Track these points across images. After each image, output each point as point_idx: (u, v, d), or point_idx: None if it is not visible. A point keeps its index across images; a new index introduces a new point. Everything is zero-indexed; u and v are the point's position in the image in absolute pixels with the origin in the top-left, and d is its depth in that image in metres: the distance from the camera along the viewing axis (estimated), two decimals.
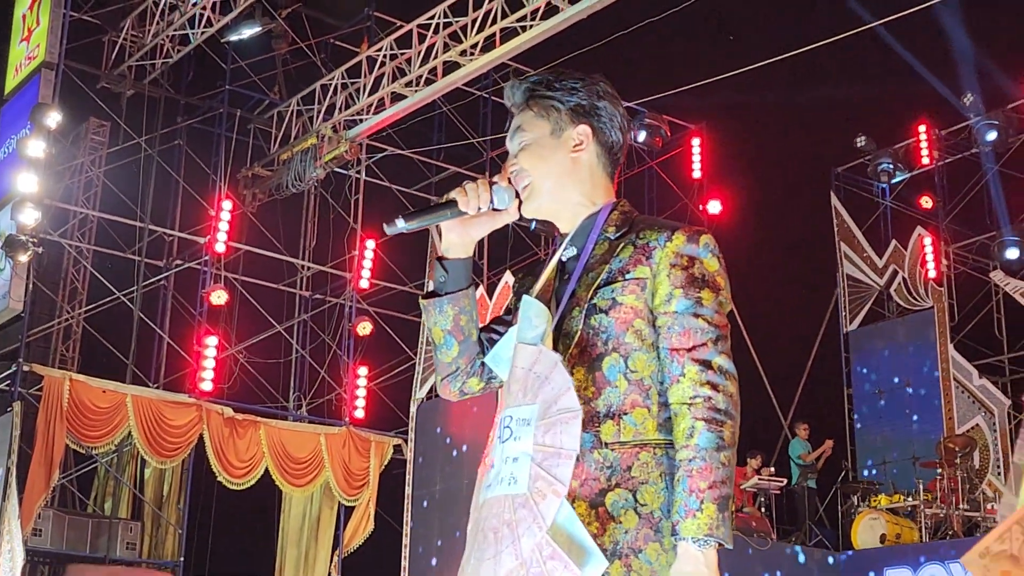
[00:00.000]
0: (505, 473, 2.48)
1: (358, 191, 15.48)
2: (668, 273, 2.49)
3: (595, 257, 2.60)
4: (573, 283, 2.58)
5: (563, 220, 2.69)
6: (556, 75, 2.76)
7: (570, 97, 2.72)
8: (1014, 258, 16.06)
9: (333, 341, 15.44)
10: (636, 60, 16.76)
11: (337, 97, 14.47)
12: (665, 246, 2.51)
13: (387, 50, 13.84)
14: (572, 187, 2.68)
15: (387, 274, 15.83)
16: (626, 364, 2.48)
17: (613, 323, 2.49)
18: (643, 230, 2.58)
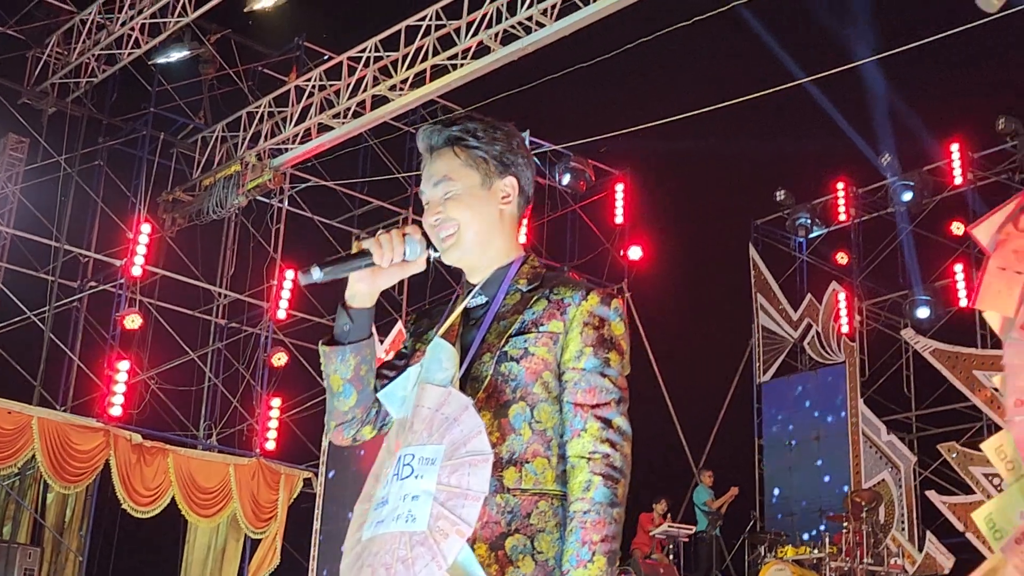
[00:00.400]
0: (402, 510, 2.49)
1: (279, 220, 15.39)
2: (581, 331, 2.56)
3: (507, 307, 2.65)
4: (483, 330, 2.63)
5: (478, 270, 2.73)
6: (480, 124, 2.78)
7: (496, 148, 2.75)
8: (924, 317, 16.34)
9: (247, 371, 15.29)
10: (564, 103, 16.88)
11: (263, 125, 14.39)
12: (580, 304, 2.59)
13: (316, 81, 13.81)
14: (495, 239, 2.73)
15: (305, 305, 15.73)
16: (532, 414, 2.53)
17: (523, 372, 2.55)
18: (557, 286, 2.65)
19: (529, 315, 2.60)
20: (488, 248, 2.71)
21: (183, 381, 15.23)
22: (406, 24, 12.69)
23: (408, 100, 12.97)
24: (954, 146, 16.15)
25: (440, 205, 2.70)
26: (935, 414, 16.73)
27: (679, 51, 14.85)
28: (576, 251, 17.55)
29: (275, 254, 15.26)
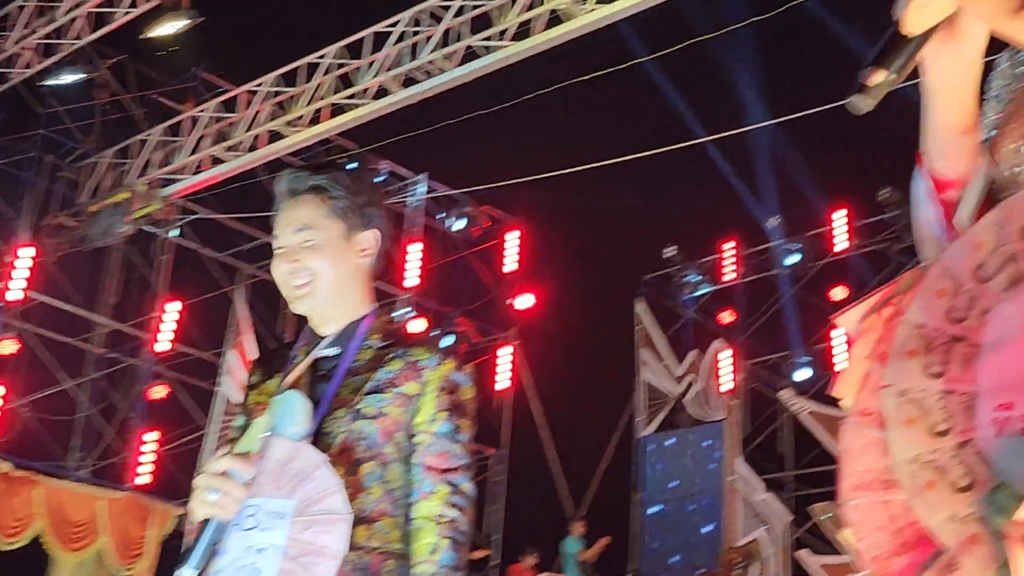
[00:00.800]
0: (246, 562, 2.48)
1: (166, 251, 15.15)
2: (436, 395, 2.61)
3: (360, 362, 2.66)
4: (335, 384, 2.63)
5: (330, 322, 2.72)
6: (345, 174, 2.78)
7: (361, 199, 2.75)
8: (804, 379, 16.62)
9: (125, 403, 14.97)
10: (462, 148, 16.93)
11: (155, 154, 14.19)
12: (436, 368, 2.63)
13: (212, 112, 13.67)
14: (351, 292, 2.74)
15: (187, 338, 15.47)
16: (383, 473, 2.57)
17: (377, 431, 2.57)
18: (412, 347, 2.67)
19: (384, 374, 2.62)
20: (342, 300, 2.72)
21: (57, 410, 14.85)
22: (307, 61, 12.65)
23: (304, 137, 12.91)
24: (839, 213, 16.52)
25: (297, 253, 2.69)
26: (811, 475, 16.98)
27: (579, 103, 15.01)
28: (467, 297, 17.55)
29: (159, 285, 15.01)
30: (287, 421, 2.56)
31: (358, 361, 2.65)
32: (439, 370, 2.61)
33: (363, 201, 2.75)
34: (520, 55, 11.07)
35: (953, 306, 1.58)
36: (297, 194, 2.75)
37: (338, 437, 2.56)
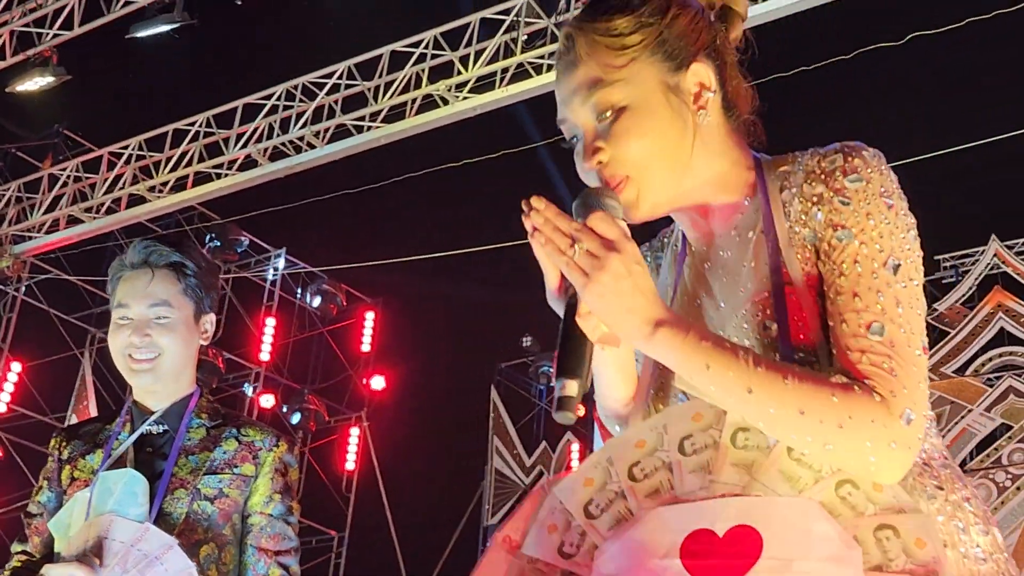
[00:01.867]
0: None
1: (13, 309, 14.73)
2: (271, 477, 2.66)
3: (192, 441, 2.67)
4: (171, 463, 2.61)
5: (158, 397, 2.72)
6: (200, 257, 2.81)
7: (210, 283, 2.77)
8: None
9: None
10: (324, 225, 16.87)
11: (9, 209, 13.86)
12: (272, 450, 2.68)
13: (72, 171, 13.42)
14: (185, 371, 2.78)
15: (28, 401, 15.01)
16: (219, 555, 2.57)
17: (216, 513, 2.58)
18: (245, 427, 2.70)
19: (220, 454, 2.63)
20: (178, 379, 2.73)
21: None
22: (174, 127, 12.53)
23: (166, 203, 12.75)
24: None
25: (148, 327, 2.69)
26: None
27: (444, 189, 15.11)
28: (319, 375, 17.39)
29: (3, 343, 14.57)
30: (128, 501, 2.53)
31: (190, 440, 2.65)
32: (274, 452, 2.65)
33: (211, 284, 2.77)
34: (391, 137, 11.12)
35: (564, 541, 1.66)
36: (153, 267, 2.73)
37: (180, 518, 2.53)
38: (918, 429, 1.55)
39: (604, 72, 1.72)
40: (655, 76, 1.73)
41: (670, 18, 1.75)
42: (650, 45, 1.73)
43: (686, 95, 1.74)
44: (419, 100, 10.93)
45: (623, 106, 1.71)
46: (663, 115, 1.71)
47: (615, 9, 1.75)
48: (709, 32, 1.80)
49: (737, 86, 1.84)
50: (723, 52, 1.82)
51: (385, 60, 11.28)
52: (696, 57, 1.76)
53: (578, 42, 1.75)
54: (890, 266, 1.61)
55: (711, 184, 1.78)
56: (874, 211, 1.64)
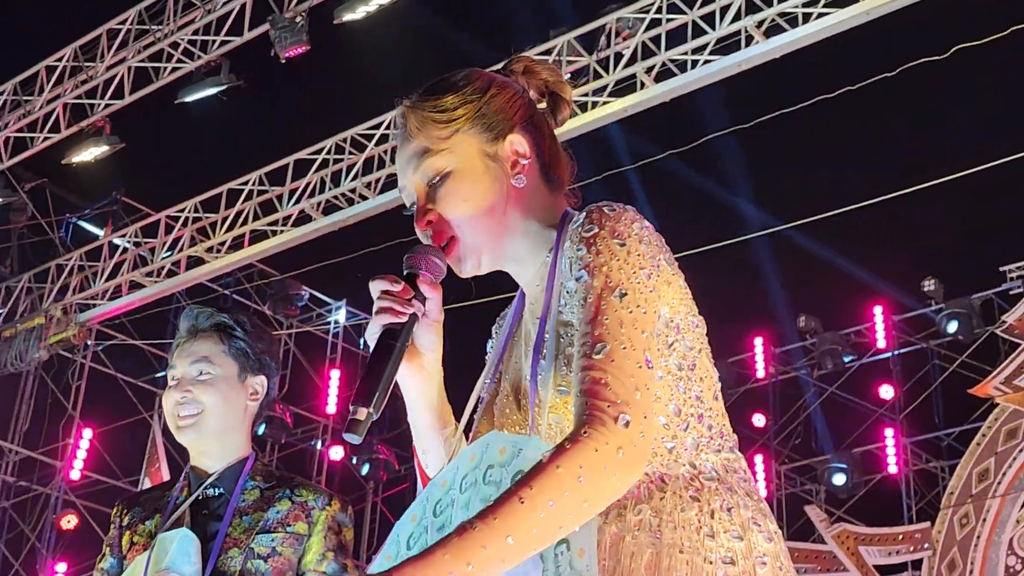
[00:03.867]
0: None
1: (81, 377, 14.92)
2: (324, 535, 2.70)
3: (247, 502, 2.70)
4: (226, 524, 2.66)
5: (211, 459, 2.76)
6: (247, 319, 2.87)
7: (259, 345, 2.82)
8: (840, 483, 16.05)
9: (33, 533, 14.58)
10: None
11: (72, 278, 14.06)
12: (324, 509, 2.72)
13: (131, 237, 13.61)
14: (235, 432, 2.80)
15: (101, 466, 15.17)
16: None
17: (270, 571, 2.62)
18: (298, 487, 2.74)
19: (274, 514, 2.67)
20: (225, 439, 2.78)
21: None
22: (228, 187, 12.67)
23: (225, 263, 12.87)
24: (757, 340, 16.66)
25: (191, 384, 2.76)
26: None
27: None
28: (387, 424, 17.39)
29: (74, 411, 14.75)
30: (181, 560, 2.57)
31: (244, 501, 2.69)
32: (327, 511, 2.69)
33: (261, 348, 2.83)
34: None
35: None
36: (199, 331, 2.81)
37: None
38: (636, 430, 1.71)
39: (432, 143, 1.95)
40: (476, 145, 1.96)
41: (489, 96, 1.99)
42: (471, 118, 1.96)
43: (503, 162, 1.96)
44: None
45: (448, 171, 1.94)
46: (482, 180, 1.94)
47: (442, 90, 2.00)
48: (526, 108, 2.03)
49: (555, 155, 2.05)
50: (540, 126, 2.04)
51: None
52: (513, 129, 1.99)
53: (410, 119, 1.98)
54: (617, 293, 1.79)
55: (524, 243, 1.99)
56: (604, 250, 1.83)
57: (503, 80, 2.04)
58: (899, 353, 15.39)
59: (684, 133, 10.79)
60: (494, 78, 2.04)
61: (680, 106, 10.27)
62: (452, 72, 2.06)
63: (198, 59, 11.43)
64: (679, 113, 10.86)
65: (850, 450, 15.71)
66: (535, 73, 2.09)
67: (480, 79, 2.02)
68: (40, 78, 12.44)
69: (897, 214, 11.89)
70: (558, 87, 2.09)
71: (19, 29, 13.73)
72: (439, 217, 1.93)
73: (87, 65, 12.10)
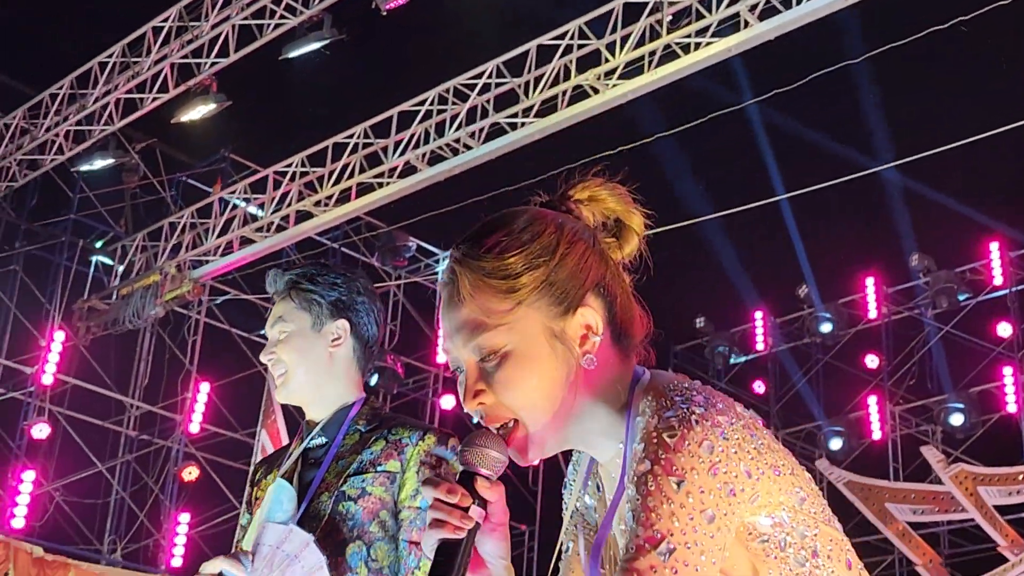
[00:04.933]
0: None
1: (196, 332, 15.22)
2: (417, 470, 2.62)
3: (345, 447, 2.72)
4: (323, 470, 2.67)
5: (314, 409, 2.79)
6: (318, 269, 2.89)
7: (331, 292, 2.84)
8: (837, 448, 16.46)
9: (156, 485, 14.97)
10: None
11: (184, 236, 14.31)
12: (417, 444, 2.68)
13: (240, 193, 13.80)
14: (327, 380, 2.81)
15: (219, 419, 15.49)
16: (368, 552, 2.60)
17: (360, 511, 2.60)
18: (395, 427, 2.73)
19: (367, 455, 2.68)
20: (321, 389, 2.80)
21: (90, 493, 14.86)
22: (334, 141, 12.76)
23: (332, 216, 12.99)
24: (869, 280, 16.46)
25: (274, 346, 2.88)
26: None
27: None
28: None
29: (191, 366, 15.06)
30: (276, 508, 2.64)
31: (344, 446, 2.71)
32: (420, 445, 2.66)
33: (336, 294, 2.84)
34: (545, 131, 11.14)
35: None
36: (277, 293, 2.88)
37: (324, 519, 2.63)
38: None
39: (488, 316, 1.65)
40: (540, 321, 1.66)
41: (558, 258, 1.69)
42: (537, 289, 1.66)
43: (571, 341, 1.68)
44: (569, 92, 10.92)
45: (507, 352, 1.64)
46: (547, 363, 1.65)
47: (504, 247, 1.68)
48: (599, 268, 1.74)
49: (628, 314, 1.79)
50: (612, 284, 1.76)
51: (532, 55, 11.30)
52: (584, 298, 1.70)
53: (462, 279, 1.67)
54: (662, 549, 1.52)
55: (594, 427, 1.71)
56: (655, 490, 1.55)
57: (572, 229, 1.73)
58: (1016, 290, 15.09)
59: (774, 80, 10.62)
60: (562, 227, 1.72)
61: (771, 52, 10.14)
62: (511, 213, 1.75)
63: (301, 15, 11.50)
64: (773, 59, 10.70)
65: (967, 389, 15.52)
66: (600, 201, 1.82)
67: (547, 230, 1.70)
68: (147, 39, 12.61)
69: (1009, 149, 11.62)
70: (626, 216, 1.83)
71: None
72: (495, 401, 1.65)
73: (192, 25, 12.24)
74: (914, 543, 13.92)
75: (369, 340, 2.89)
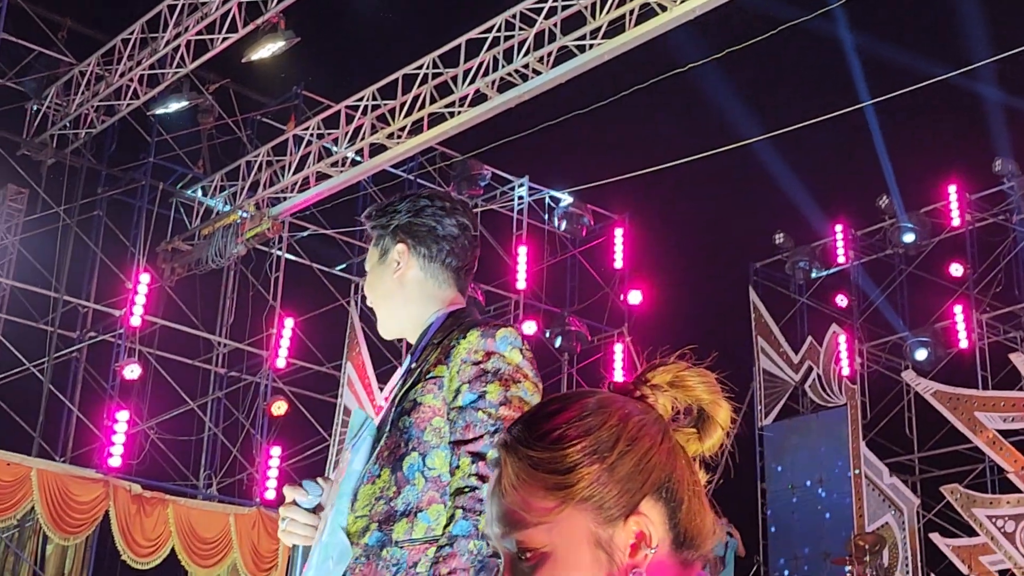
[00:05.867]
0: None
1: (278, 269, 15.40)
2: (459, 369, 2.60)
3: (428, 362, 2.69)
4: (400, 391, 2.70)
5: (409, 334, 2.82)
6: (387, 203, 2.87)
7: (391, 220, 2.83)
8: (924, 359, 16.31)
9: (247, 420, 15.25)
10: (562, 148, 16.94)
11: (261, 174, 14.43)
12: (460, 343, 2.61)
13: (314, 129, 13.86)
14: (402, 306, 2.80)
15: (305, 354, 15.71)
16: (424, 462, 2.58)
17: (413, 423, 2.60)
18: (451, 332, 2.66)
19: (424, 366, 2.66)
20: (399, 316, 2.82)
21: (183, 431, 15.19)
22: (403, 73, 12.76)
23: (406, 148, 13.01)
24: (951, 188, 16.19)
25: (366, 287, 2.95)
26: (937, 456, 16.67)
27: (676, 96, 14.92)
28: (576, 296, 17.55)
29: (274, 302, 15.25)
30: (350, 433, 2.69)
31: (426, 362, 2.70)
32: (463, 344, 2.60)
33: (395, 221, 2.84)
34: (613, 52, 11.03)
35: None
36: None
37: (386, 438, 2.63)
38: None
39: (529, 512, 1.45)
40: (585, 526, 1.45)
41: (616, 455, 1.46)
42: (588, 488, 1.45)
43: (619, 552, 1.45)
44: (636, 11, 10.79)
45: (545, 553, 1.45)
46: (586, 574, 1.45)
47: (559, 436, 1.47)
48: (664, 468, 1.50)
49: (697, 522, 1.52)
50: (678, 487, 1.51)
51: None
52: (639, 506, 1.46)
53: (506, 467, 1.48)
54: None
55: None
56: None
57: (638, 423, 1.51)
58: None
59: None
60: (627, 419, 1.50)
61: None
62: (574, 396, 1.53)
63: None
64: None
65: None
66: (687, 388, 1.60)
67: (608, 422, 1.49)
68: None
69: None
70: (712, 408, 1.60)
71: None
72: None
73: None
74: (1005, 451, 13.79)
75: (438, 253, 2.83)
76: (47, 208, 14.62)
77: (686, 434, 1.58)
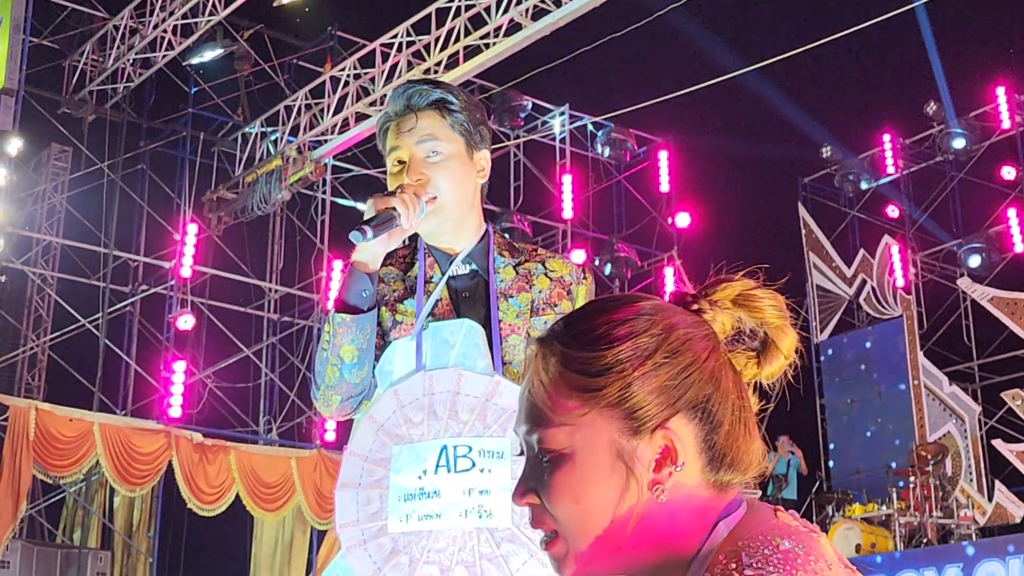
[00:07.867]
0: (469, 505, 2.42)
1: (324, 212, 15.40)
2: None
3: (505, 283, 2.56)
4: (495, 309, 2.53)
5: (457, 240, 2.60)
6: (462, 92, 2.68)
7: (477, 117, 2.64)
8: (978, 265, 16.11)
9: (302, 363, 15.34)
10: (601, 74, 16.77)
11: (301, 118, 14.40)
12: (581, 283, 2.60)
13: (350, 70, 13.79)
14: (469, 211, 2.62)
15: None
16: None
17: None
18: (547, 260, 2.59)
19: (537, 294, 2.55)
20: (464, 219, 2.59)
21: (240, 378, 15.31)
22: (436, 7, 12.63)
23: None
24: (1000, 89, 15.89)
25: (424, 166, 2.56)
26: (996, 362, 16.51)
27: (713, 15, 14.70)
28: (624, 222, 17.46)
29: (322, 245, 15.28)
30: (472, 353, 2.45)
31: (503, 282, 2.56)
32: (584, 284, 2.59)
33: (479, 119, 2.65)
34: None
35: None
36: (417, 110, 2.63)
37: (520, 366, 2.47)
38: None
39: (554, 413, 1.38)
40: (608, 434, 1.38)
41: (651, 367, 1.37)
42: (616, 395, 1.37)
43: (642, 466, 1.37)
44: None
45: (564, 454, 1.38)
46: (602, 483, 1.38)
47: (595, 337, 1.39)
48: (703, 387, 1.40)
49: (737, 447, 1.41)
50: (720, 410, 1.40)
51: None
52: (668, 421, 1.38)
53: (538, 359, 1.41)
54: None
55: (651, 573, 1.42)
56: None
57: (683, 336, 1.41)
58: None
59: None
60: (671, 331, 1.41)
61: None
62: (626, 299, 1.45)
63: None
64: None
65: None
66: (756, 309, 1.51)
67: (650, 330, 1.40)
68: None
69: None
70: (778, 333, 1.49)
71: None
72: (540, 507, 1.42)
73: None
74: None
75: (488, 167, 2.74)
76: (91, 164, 14.68)
77: (745, 357, 1.48)
